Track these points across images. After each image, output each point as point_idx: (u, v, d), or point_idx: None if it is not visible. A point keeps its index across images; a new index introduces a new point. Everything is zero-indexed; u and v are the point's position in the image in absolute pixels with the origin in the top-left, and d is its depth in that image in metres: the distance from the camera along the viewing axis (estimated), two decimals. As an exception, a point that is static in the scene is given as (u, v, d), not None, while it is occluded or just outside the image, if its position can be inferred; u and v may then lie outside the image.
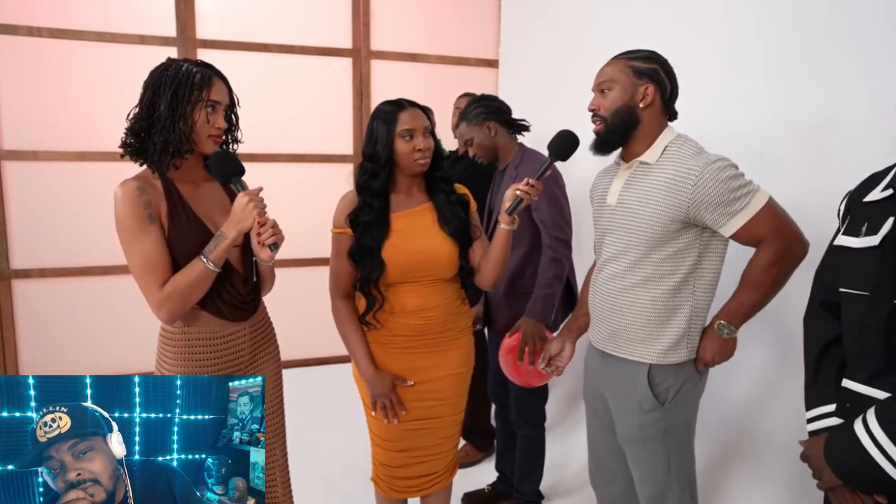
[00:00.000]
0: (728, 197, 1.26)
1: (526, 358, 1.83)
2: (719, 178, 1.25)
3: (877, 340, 0.99)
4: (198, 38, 3.37)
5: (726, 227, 1.29)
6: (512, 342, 1.88)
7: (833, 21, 1.63)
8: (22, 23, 3.06)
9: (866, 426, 0.96)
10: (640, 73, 1.34)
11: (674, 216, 1.30)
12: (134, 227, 1.25)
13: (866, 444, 0.95)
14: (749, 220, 1.27)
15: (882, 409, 0.96)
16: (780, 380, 1.80)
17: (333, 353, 3.73)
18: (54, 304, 3.29)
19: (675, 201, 1.29)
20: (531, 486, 2.19)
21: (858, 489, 1.00)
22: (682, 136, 1.37)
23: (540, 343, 1.84)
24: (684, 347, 1.36)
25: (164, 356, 1.38)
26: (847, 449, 0.99)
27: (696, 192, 1.26)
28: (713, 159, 1.29)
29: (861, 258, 1.04)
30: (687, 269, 1.34)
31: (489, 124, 2.05)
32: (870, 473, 0.95)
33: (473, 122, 2.06)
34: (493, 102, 2.10)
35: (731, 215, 1.27)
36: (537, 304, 1.89)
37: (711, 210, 1.27)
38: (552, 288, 1.91)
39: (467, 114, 2.08)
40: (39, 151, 3.16)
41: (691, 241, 1.33)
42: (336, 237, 1.59)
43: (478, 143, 2.07)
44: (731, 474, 1.95)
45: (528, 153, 2.07)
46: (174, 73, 1.27)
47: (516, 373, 1.89)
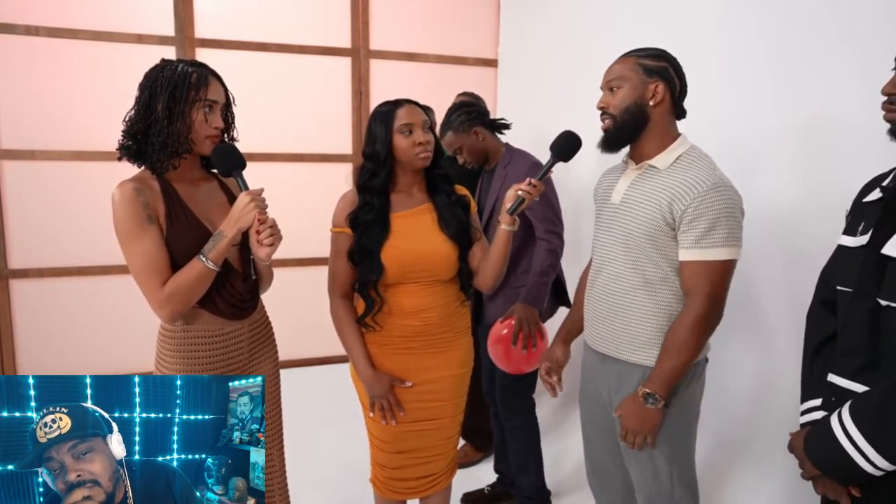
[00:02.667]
0: (707, 226, 1.25)
1: (519, 343, 1.84)
2: (719, 204, 1.25)
3: (860, 336, 1.02)
4: (196, 37, 3.37)
5: (684, 251, 1.29)
6: (503, 329, 1.89)
7: (833, 21, 1.63)
8: (20, 22, 3.05)
9: (840, 420, 1.00)
10: (650, 71, 1.33)
11: (668, 219, 1.29)
12: (133, 229, 1.25)
13: (840, 438, 0.99)
14: (702, 262, 1.27)
15: (856, 403, 0.99)
16: (780, 379, 1.80)
17: (332, 353, 3.73)
18: (52, 303, 3.29)
19: (672, 205, 1.28)
20: (529, 479, 2.15)
21: (835, 480, 1.04)
22: (696, 148, 1.36)
23: (534, 328, 1.85)
24: None
25: (163, 355, 1.39)
26: (823, 442, 1.03)
27: (693, 202, 1.25)
28: (728, 184, 1.28)
29: (854, 257, 1.07)
30: (680, 274, 1.33)
31: (475, 129, 2.07)
32: (844, 465, 0.99)
33: (459, 130, 2.07)
34: (473, 107, 2.11)
35: (694, 245, 1.26)
36: (532, 291, 1.91)
37: (687, 224, 1.26)
38: (547, 276, 1.94)
39: (451, 123, 2.08)
40: (37, 151, 3.15)
41: None
42: (335, 237, 1.58)
43: (468, 150, 2.09)
44: (732, 474, 1.95)
45: (516, 153, 2.08)
46: (170, 73, 1.27)
47: (507, 360, 1.90)
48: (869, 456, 0.95)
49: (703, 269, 1.27)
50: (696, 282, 1.28)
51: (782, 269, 1.80)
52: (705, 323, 1.28)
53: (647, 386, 1.30)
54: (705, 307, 1.27)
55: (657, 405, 1.30)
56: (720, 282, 1.28)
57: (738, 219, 1.28)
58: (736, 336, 1.94)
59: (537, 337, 1.87)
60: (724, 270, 1.27)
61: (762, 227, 1.81)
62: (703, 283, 1.27)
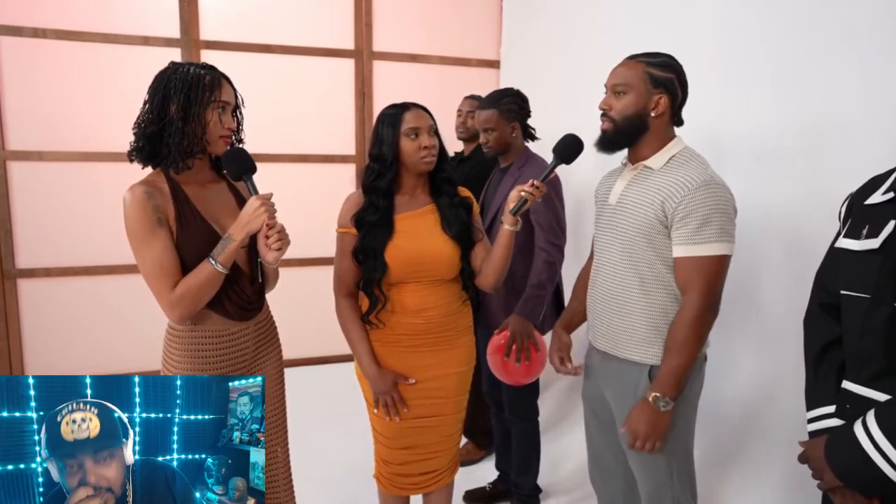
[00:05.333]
0: (699, 222, 1.26)
1: (513, 356, 1.83)
2: (710, 200, 1.26)
3: (877, 343, 1.00)
4: (201, 39, 3.39)
5: (677, 248, 1.30)
6: (499, 340, 1.88)
7: (834, 22, 1.62)
8: (27, 24, 3.08)
9: (866, 428, 0.96)
10: (656, 83, 1.33)
11: (661, 218, 1.31)
12: (144, 232, 1.27)
13: (866, 447, 0.95)
14: (696, 257, 1.27)
15: (882, 411, 0.96)
16: (779, 380, 1.80)
17: (336, 353, 3.74)
18: (59, 303, 3.31)
19: (664, 204, 1.30)
20: (529, 480, 2.20)
21: (858, 491, 1.01)
22: (689, 149, 1.38)
23: (528, 341, 1.84)
24: None
25: (170, 354, 1.41)
26: (847, 451, 0.99)
27: (684, 199, 1.27)
28: (719, 181, 1.29)
29: (861, 261, 1.04)
30: (674, 271, 1.33)
31: (514, 124, 2.07)
32: (869, 475, 0.95)
33: (504, 115, 2.05)
34: (524, 104, 2.12)
35: (687, 241, 1.27)
36: (528, 304, 1.90)
37: (679, 221, 1.28)
38: (544, 290, 1.92)
39: (498, 103, 2.06)
40: (44, 152, 3.18)
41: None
42: (340, 237, 1.61)
43: (497, 137, 2.06)
44: (731, 473, 1.95)
45: (532, 157, 2.09)
46: (183, 75, 1.29)
47: (504, 371, 1.90)
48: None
49: (697, 265, 1.28)
50: (691, 278, 1.29)
51: (781, 270, 1.79)
52: (703, 318, 1.29)
53: (655, 389, 1.31)
54: (702, 303, 1.28)
55: (668, 407, 1.30)
56: (714, 277, 1.28)
57: (730, 215, 1.29)
58: (735, 336, 1.94)
59: (532, 350, 1.85)
60: (718, 265, 1.28)
61: (762, 227, 1.81)
62: (697, 278, 1.28)
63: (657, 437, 1.32)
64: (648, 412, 1.31)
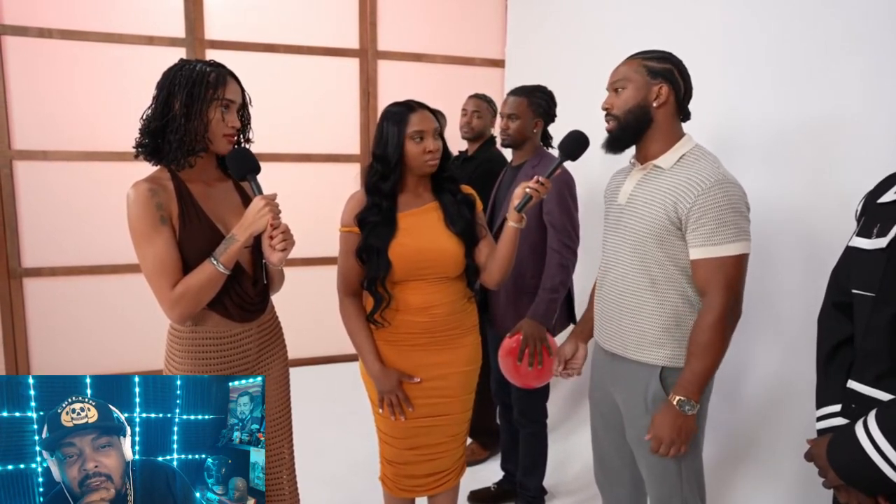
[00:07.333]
0: (715, 222, 1.24)
1: (525, 359, 1.82)
2: (723, 200, 1.24)
3: (882, 342, 0.99)
4: (206, 38, 3.39)
5: (694, 250, 1.28)
6: (512, 343, 1.88)
7: (838, 20, 1.61)
8: (32, 24, 3.09)
9: (866, 428, 0.97)
10: (654, 73, 1.33)
11: (673, 219, 1.29)
12: (146, 229, 1.26)
13: (866, 447, 0.96)
14: (714, 259, 1.26)
15: (882, 412, 0.96)
16: (789, 380, 1.79)
17: (340, 352, 3.74)
18: (65, 302, 3.33)
19: (677, 205, 1.28)
20: (535, 481, 2.20)
21: (859, 490, 1.01)
22: (700, 147, 1.36)
23: (540, 345, 1.83)
24: None
25: (172, 355, 1.40)
26: (848, 450, 1.00)
27: (698, 200, 1.25)
28: (731, 180, 1.27)
29: (871, 260, 1.04)
30: (692, 274, 1.32)
31: (538, 120, 2.06)
32: (869, 475, 0.96)
33: (531, 109, 2.04)
34: (553, 107, 2.11)
35: (705, 242, 1.26)
36: (540, 307, 1.89)
37: (694, 222, 1.26)
38: (557, 293, 1.90)
39: (530, 95, 2.05)
40: (50, 151, 3.19)
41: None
42: (344, 236, 1.60)
43: (518, 126, 2.04)
44: (740, 474, 1.93)
45: (547, 156, 2.08)
46: (188, 72, 1.28)
47: (516, 374, 1.89)
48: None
49: (717, 266, 1.26)
50: (712, 279, 1.27)
51: (792, 269, 1.78)
52: (727, 320, 1.27)
53: (678, 393, 1.29)
54: (724, 303, 1.26)
55: (693, 410, 1.28)
56: (736, 276, 1.27)
57: (744, 213, 1.27)
58: (747, 336, 1.92)
59: (544, 354, 1.84)
60: (738, 265, 1.27)
61: (772, 226, 1.79)
62: (718, 279, 1.26)
63: (682, 441, 1.30)
64: (673, 416, 1.29)
